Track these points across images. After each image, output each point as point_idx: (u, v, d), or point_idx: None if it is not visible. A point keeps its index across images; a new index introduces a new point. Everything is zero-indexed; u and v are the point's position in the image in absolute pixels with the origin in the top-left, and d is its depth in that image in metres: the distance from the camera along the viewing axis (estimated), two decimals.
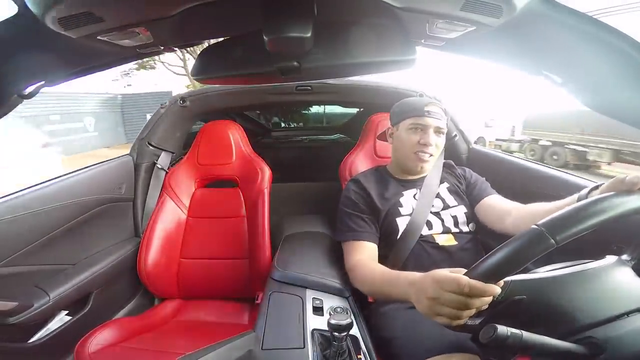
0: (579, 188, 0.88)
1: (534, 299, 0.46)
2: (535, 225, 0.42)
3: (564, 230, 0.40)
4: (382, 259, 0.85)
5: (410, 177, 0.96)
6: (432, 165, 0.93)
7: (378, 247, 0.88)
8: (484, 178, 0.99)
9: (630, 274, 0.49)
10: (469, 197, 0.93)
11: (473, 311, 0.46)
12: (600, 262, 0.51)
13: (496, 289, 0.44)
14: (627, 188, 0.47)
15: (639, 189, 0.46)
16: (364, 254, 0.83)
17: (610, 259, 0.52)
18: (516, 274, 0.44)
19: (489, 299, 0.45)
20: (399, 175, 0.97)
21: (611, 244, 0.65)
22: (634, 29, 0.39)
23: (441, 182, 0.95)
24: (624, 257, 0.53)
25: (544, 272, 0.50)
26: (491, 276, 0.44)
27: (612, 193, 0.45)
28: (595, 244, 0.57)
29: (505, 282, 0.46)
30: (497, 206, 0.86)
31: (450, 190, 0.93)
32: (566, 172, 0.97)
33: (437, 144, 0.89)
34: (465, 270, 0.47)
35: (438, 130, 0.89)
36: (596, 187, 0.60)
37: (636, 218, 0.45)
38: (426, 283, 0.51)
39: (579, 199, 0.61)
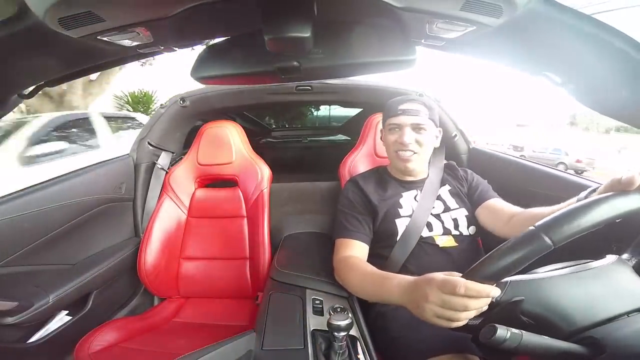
0: (579, 187, 0.87)
1: (533, 300, 0.46)
2: (533, 226, 0.43)
3: (561, 231, 0.41)
4: (382, 259, 0.85)
5: (410, 178, 0.95)
6: (422, 163, 0.92)
7: (378, 247, 0.88)
8: (486, 180, 0.98)
9: (631, 274, 0.49)
10: (470, 199, 0.93)
11: (472, 313, 0.46)
12: (600, 262, 0.51)
13: (493, 289, 0.44)
14: (624, 188, 0.47)
15: (637, 188, 0.46)
16: (353, 252, 0.83)
17: (611, 258, 0.52)
18: (516, 274, 0.44)
19: (488, 300, 0.45)
20: (399, 175, 0.97)
21: (611, 243, 0.65)
22: (629, 26, 0.40)
23: (443, 184, 0.94)
24: (625, 256, 0.53)
25: (543, 272, 0.50)
26: (489, 278, 0.44)
27: (609, 194, 0.45)
28: (595, 243, 0.57)
29: (503, 282, 0.46)
30: (499, 210, 0.85)
31: (451, 192, 0.92)
32: (567, 172, 0.97)
33: (417, 140, 0.88)
34: (461, 274, 0.48)
35: (416, 127, 0.88)
36: (594, 190, 0.59)
37: (636, 217, 0.45)
38: (423, 287, 0.51)
39: (578, 202, 0.61)
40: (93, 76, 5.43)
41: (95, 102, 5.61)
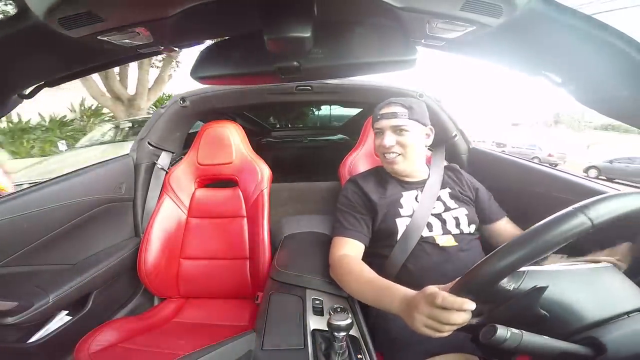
0: (579, 187, 0.87)
1: (553, 290, 0.46)
2: (572, 207, 0.42)
3: (603, 211, 0.40)
4: (382, 259, 0.85)
5: (409, 179, 0.95)
6: (410, 164, 0.92)
7: (378, 247, 0.88)
8: (486, 180, 0.98)
9: (626, 279, 0.50)
10: (479, 214, 0.93)
11: (453, 327, 0.49)
12: (596, 265, 0.51)
13: (467, 303, 0.46)
14: None
15: None
16: (350, 250, 0.83)
17: (604, 265, 0.52)
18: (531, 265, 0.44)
19: (465, 315, 0.47)
20: (399, 175, 0.97)
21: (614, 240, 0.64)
22: (629, 26, 0.40)
23: (443, 187, 0.94)
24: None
25: (553, 266, 0.50)
26: (467, 291, 0.47)
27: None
28: (593, 244, 0.57)
29: (520, 272, 0.47)
30: (507, 233, 0.89)
31: (451, 195, 0.92)
32: (567, 172, 0.97)
33: (399, 142, 0.89)
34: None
35: (396, 129, 0.89)
36: None
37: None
38: (418, 298, 0.54)
39: None
40: (150, 84, 7.07)
41: (151, 105, 7.39)
